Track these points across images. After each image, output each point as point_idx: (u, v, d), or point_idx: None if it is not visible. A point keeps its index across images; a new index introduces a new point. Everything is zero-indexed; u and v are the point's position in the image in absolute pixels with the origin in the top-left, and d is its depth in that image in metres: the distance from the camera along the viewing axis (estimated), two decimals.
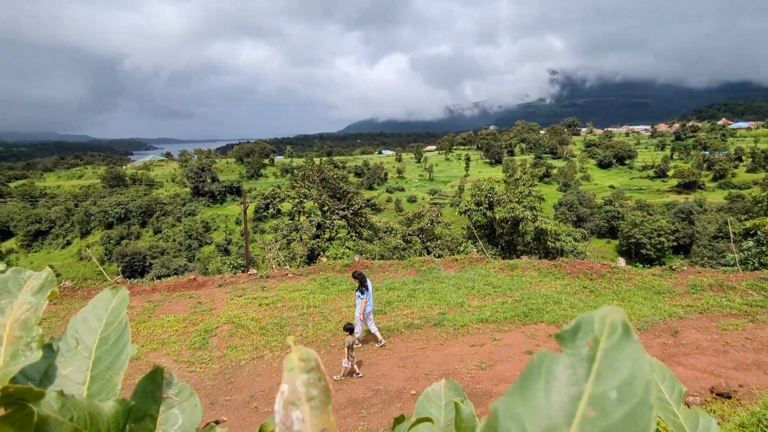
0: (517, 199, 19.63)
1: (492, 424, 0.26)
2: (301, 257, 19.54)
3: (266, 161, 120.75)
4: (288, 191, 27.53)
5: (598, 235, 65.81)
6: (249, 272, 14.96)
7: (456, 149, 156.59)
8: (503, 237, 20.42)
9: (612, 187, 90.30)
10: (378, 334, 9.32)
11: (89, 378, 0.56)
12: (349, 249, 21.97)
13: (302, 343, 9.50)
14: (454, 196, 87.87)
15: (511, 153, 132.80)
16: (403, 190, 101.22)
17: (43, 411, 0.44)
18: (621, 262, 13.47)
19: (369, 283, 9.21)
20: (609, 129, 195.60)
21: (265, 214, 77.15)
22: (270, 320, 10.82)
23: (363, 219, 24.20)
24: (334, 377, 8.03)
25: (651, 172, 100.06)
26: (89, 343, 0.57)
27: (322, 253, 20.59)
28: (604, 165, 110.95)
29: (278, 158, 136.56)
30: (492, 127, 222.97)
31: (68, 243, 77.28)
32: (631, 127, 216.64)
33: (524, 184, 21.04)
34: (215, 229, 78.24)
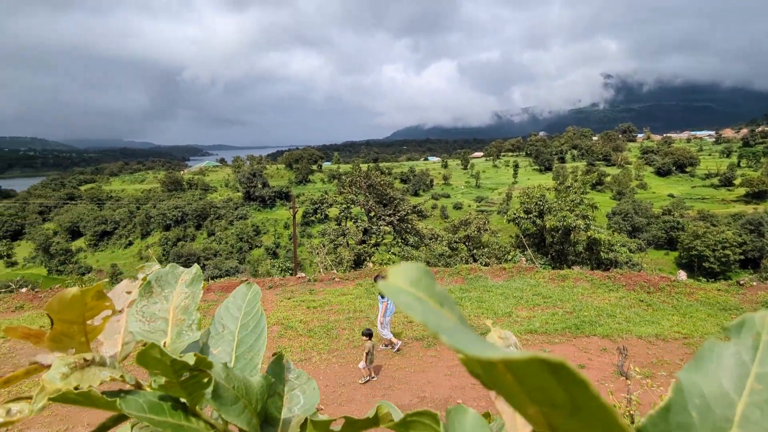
0: (568, 208, 19.05)
1: (679, 387, 0.33)
2: (347, 262, 19.84)
3: (314, 167, 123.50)
4: (335, 197, 28.03)
5: (655, 247, 62.40)
6: (297, 275, 15.35)
7: (504, 156, 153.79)
8: (553, 246, 19.86)
9: (671, 195, 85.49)
10: (393, 339, 9.33)
11: (234, 357, 0.68)
12: (395, 255, 22.09)
13: (348, 347, 9.68)
14: (502, 204, 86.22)
15: (562, 160, 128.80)
16: (448, 196, 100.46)
17: (216, 378, 0.55)
18: (682, 275, 12.77)
19: None
20: (668, 135, 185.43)
21: (312, 219, 78.84)
22: (317, 323, 11.06)
23: (409, 225, 24.25)
24: (358, 380, 8.12)
25: (715, 181, 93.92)
26: (232, 329, 0.69)
27: (368, 258, 20.81)
28: (662, 173, 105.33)
29: (326, 164, 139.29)
30: (542, 133, 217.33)
31: (130, 243, 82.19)
32: (693, 132, 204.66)
33: (576, 192, 20.40)
34: (265, 233, 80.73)
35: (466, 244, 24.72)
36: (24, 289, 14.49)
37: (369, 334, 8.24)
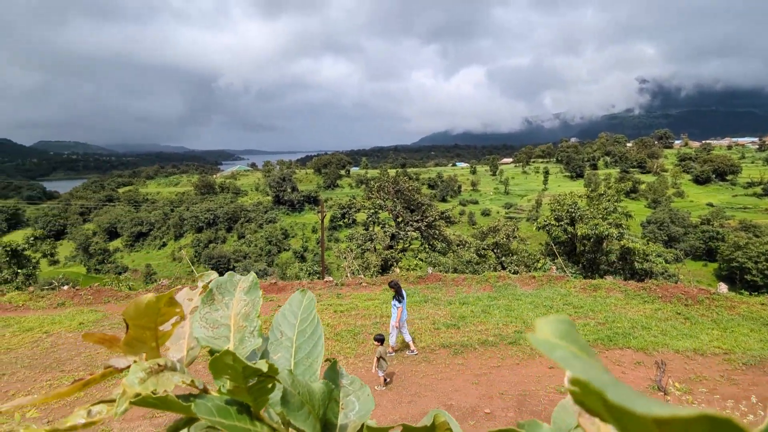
0: (601, 215, 18.55)
1: None
2: (374, 267, 19.87)
3: (342, 172, 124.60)
4: (364, 202, 28.16)
5: (693, 257, 60.01)
6: (325, 279, 15.48)
7: (534, 162, 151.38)
8: (585, 255, 19.38)
9: (710, 205, 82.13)
10: (411, 343, 9.42)
11: (293, 363, 0.70)
12: (422, 261, 22.01)
13: (374, 353, 9.67)
14: (531, 211, 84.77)
15: (594, 167, 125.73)
16: (476, 203, 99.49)
17: (283, 384, 0.57)
18: (722, 287, 12.24)
19: (404, 292, 9.38)
20: (707, 141, 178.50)
21: (339, 223, 79.44)
22: (344, 327, 11.11)
23: (437, 231, 24.12)
24: (375, 387, 8.12)
25: (758, 189, 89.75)
26: (290, 335, 0.72)
27: (395, 263, 20.81)
28: (701, 181, 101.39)
29: (354, 169, 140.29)
30: (573, 139, 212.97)
31: (164, 244, 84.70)
32: (734, 139, 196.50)
33: (609, 200, 19.85)
34: (293, 237, 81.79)
35: (495, 251, 24.40)
36: (66, 287, 15.13)
37: (380, 340, 8.24)
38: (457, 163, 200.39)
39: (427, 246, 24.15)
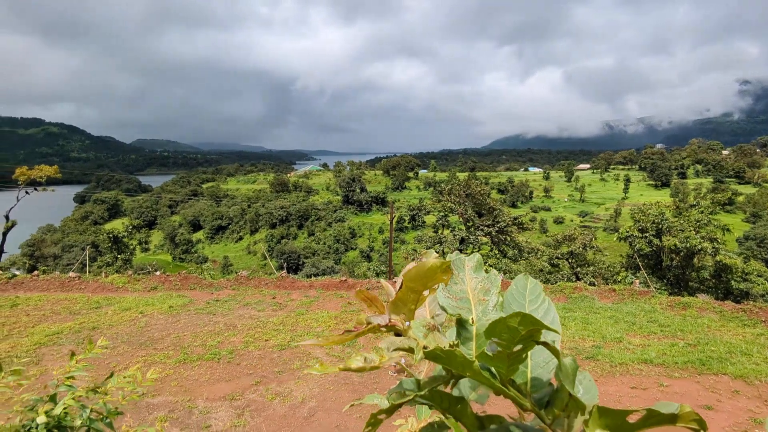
0: (693, 228, 17.05)
1: None
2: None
3: (411, 174, 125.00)
4: (434, 204, 28.05)
5: None
6: (393, 279, 15.60)
7: (613, 169, 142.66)
8: (672, 270, 17.92)
9: None
10: None
11: None
12: (492, 267, 21.46)
13: None
14: (609, 220, 79.93)
15: (683, 175, 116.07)
16: (549, 210, 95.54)
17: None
18: None
19: None
20: None
21: (406, 225, 79.75)
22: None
23: (508, 237, 23.43)
24: (390, 373, 8.01)
25: None
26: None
27: None
28: None
29: (422, 172, 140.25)
30: (659, 146, 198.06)
31: (240, 238, 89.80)
32: None
33: (702, 211, 18.21)
34: (360, 236, 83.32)
35: (569, 260, 23.25)
36: (158, 273, 16.52)
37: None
38: (529, 168, 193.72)
39: (497, 252, 23.54)
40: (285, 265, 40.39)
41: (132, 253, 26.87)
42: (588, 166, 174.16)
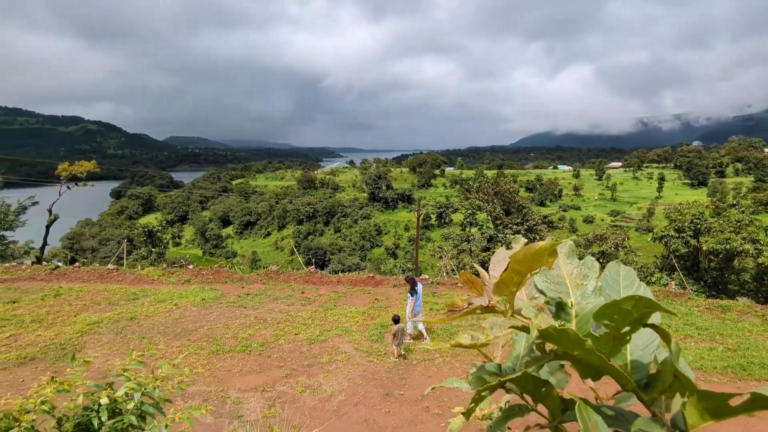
0: (733, 229, 16.38)
1: None
2: (471, 268, 19.52)
3: (437, 172, 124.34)
4: (461, 202, 27.81)
5: None
6: (421, 277, 15.60)
7: (647, 167, 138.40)
8: (710, 272, 17.27)
9: None
10: (424, 332, 10.32)
11: None
12: None
13: (472, 353, 9.54)
14: (641, 220, 77.64)
15: (721, 174, 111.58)
16: (578, 208, 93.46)
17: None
18: None
19: (419, 287, 10.32)
20: None
21: (432, 222, 79.43)
22: (440, 326, 11.11)
23: (537, 236, 23.00)
24: (390, 358, 9.18)
25: None
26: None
27: None
28: None
29: (449, 169, 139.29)
30: (696, 143, 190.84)
31: (268, 234, 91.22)
32: None
33: (743, 211, 17.47)
34: (386, 233, 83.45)
35: (600, 261, 22.61)
36: (191, 266, 16.98)
37: (396, 320, 9.32)
38: (558, 166, 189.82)
39: None
40: (313, 261, 40.83)
41: (165, 247, 27.72)
42: (620, 164, 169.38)
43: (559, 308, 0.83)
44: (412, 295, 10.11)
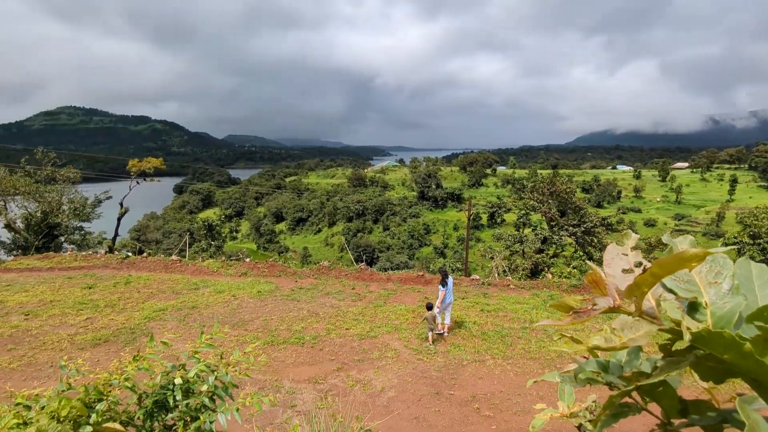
0: None
1: None
2: (523, 270, 19.05)
3: (488, 171, 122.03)
4: (515, 202, 27.14)
5: None
6: (471, 277, 15.40)
7: (717, 168, 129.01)
8: None
9: None
10: (441, 324, 10.40)
11: None
12: (575, 269, 20.41)
13: (524, 357, 9.34)
14: (710, 224, 72.56)
15: None
16: (639, 211, 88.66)
17: None
18: None
19: (450, 279, 10.57)
20: None
21: (483, 222, 78.11)
22: (491, 327, 10.93)
23: (595, 239, 22.04)
24: (425, 345, 9.73)
25: None
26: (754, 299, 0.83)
27: (546, 269, 19.65)
28: None
29: (500, 169, 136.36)
30: None
31: (319, 230, 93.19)
32: None
33: None
34: (434, 233, 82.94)
35: None
36: (248, 260, 17.69)
37: (429, 307, 10.02)
38: (617, 166, 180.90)
39: (581, 253, 22.24)
40: (363, 257, 41.32)
41: (224, 240, 29.03)
42: (686, 164, 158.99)
43: (692, 308, 0.80)
44: (442, 287, 10.40)
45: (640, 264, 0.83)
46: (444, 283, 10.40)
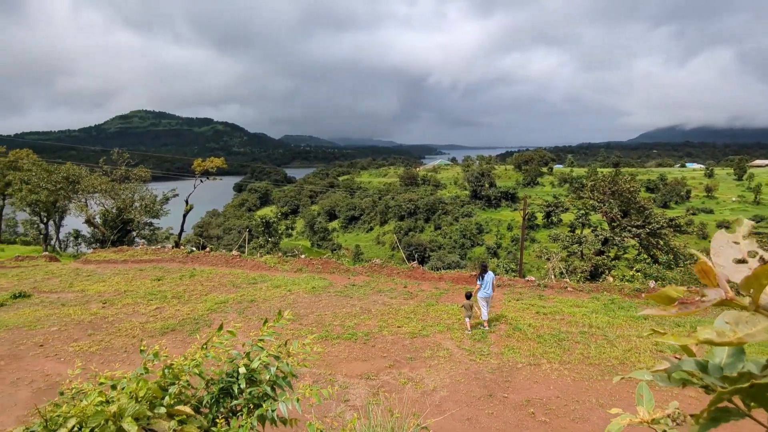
0: None
1: None
2: (582, 273, 18.24)
3: (544, 170, 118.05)
4: (573, 201, 26.06)
5: None
6: (526, 278, 14.99)
7: None
8: None
9: None
10: (470, 319, 10.65)
11: None
12: (639, 272, 19.28)
13: (583, 363, 8.97)
14: None
15: None
16: (711, 212, 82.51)
17: None
18: None
19: (489, 275, 10.88)
20: None
21: (538, 222, 75.75)
22: (547, 330, 10.60)
23: (661, 241, 20.62)
24: (464, 331, 10.36)
25: None
26: None
27: (607, 271, 18.70)
28: None
29: (557, 167, 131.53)
30: None
31: (371, 228, 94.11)
32: None
33: None
34: (487, 232, 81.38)
35: None
36: (303, 256, 18.19)
37: (468, 296, 10.75)
38: (687, 164, 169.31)
39: (645, 256, 20.93)
40: (415, 256, 41.29)
41: (280, 237, 30.03)
42: (766, 161, 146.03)
43: None
44: (479, 281, 10.91)
45: (755, 254, 0.77)
46: (481, 277, 10.87)
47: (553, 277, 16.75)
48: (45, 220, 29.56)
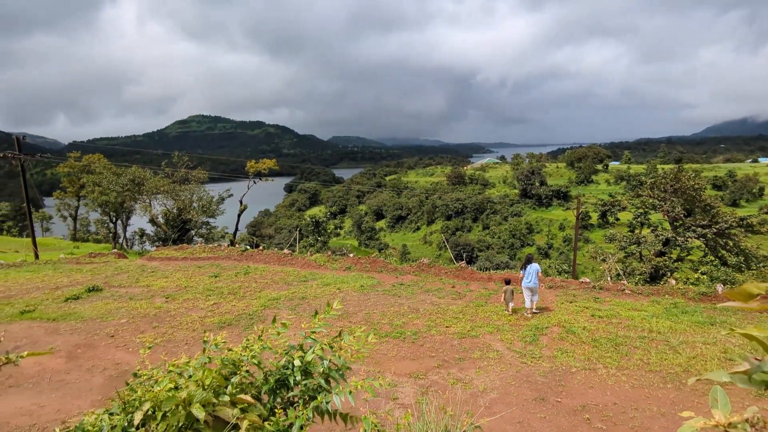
0: None
1: None
2: (641, 275, 17.32)
3: (599, 167, 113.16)
4: (631, 200, 24.82)
5: None
6: (581, 280, 14.46)
7: None
8: None
9: None
10: (512, 305, 11.38)
11: None
12: (704, 275, 18.04)
13: (642, 369, 8.55)
14: None
15: None
16: None
17: None
18: None
19: (533, 266, 11.33)
20: None
21: (592, 222, 72.77)
22: (603, 334, 10.18)
23: (730, 242, 19.11)
24: (505, 311, 11.41)
25: None
26: None
27: (669, 273, 17.64)
28: None
29: (613, 164, 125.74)
30: None
31: (417, 228, 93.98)
32: None
33: None
34: (538, 232, 79.14)
35: None
36: (351, 255, 18.47)
37: (507, 281, 11.57)
38: (759, 159, 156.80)
39: (713, 258, 19.49)
40: (463, 256, 40.84)
41: (329, 236, 30.63)
42: None
43: None
44: (522, 270, 11.48)
45: None
46: (524, 267, 11.45)
47: (609, 278, 16.05)
48: (114, 219, 31.84)
